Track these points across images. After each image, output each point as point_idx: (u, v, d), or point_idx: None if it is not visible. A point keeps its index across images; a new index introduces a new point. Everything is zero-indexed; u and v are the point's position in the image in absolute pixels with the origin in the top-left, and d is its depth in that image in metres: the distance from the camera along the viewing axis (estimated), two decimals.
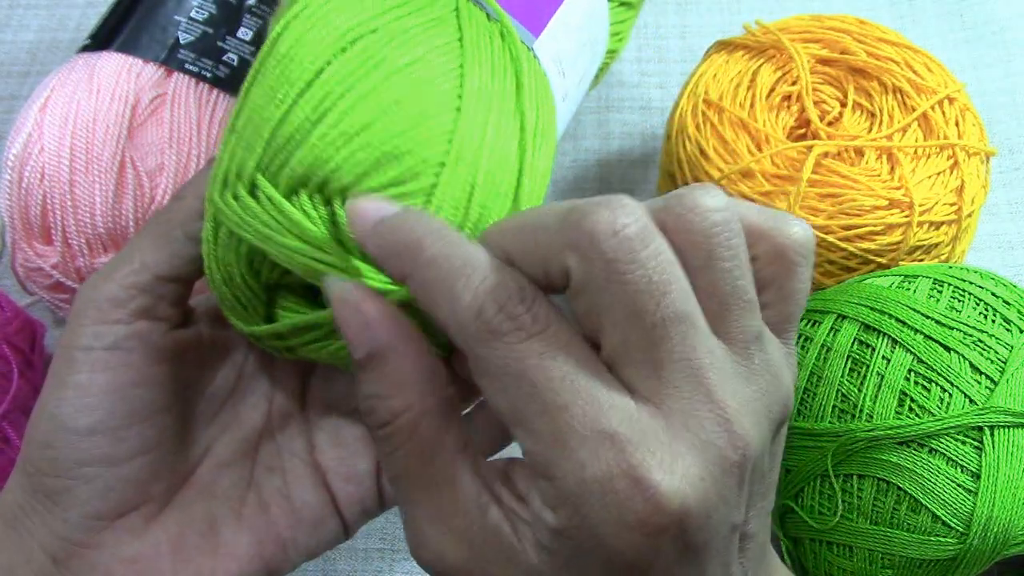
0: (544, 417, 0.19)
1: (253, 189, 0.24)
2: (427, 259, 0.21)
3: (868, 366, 0.35)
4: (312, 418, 0.30)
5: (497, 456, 0.24)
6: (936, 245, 0.42)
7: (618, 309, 0.20)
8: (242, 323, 0.26)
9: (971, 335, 0.35)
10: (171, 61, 0.44)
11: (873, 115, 0.44)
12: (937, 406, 0.34)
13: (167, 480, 0.27)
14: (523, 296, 0.20)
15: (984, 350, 0.35)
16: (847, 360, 0.36)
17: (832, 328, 0.38)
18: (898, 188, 0.41)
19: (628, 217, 0.19)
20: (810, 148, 0.41)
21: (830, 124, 0.45)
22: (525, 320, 0.20)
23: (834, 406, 0.36)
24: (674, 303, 0.19)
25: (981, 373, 0.34)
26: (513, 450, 0.23)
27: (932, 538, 0.33)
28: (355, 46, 0.25)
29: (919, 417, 0.34)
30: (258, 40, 0.46)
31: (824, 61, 0.46)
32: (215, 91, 0.44)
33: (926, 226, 0.41)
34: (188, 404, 0.28)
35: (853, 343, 0.36)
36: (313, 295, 0.26)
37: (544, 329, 0.20)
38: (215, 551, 0.27)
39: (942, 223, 0.41)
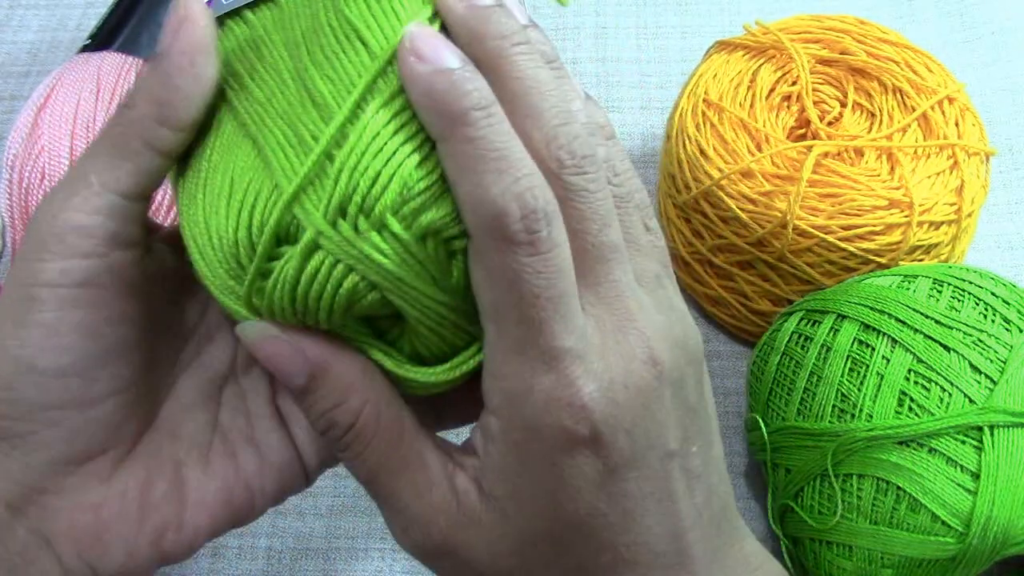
0: (519, 325, 0.21)
1: (381, 229, 0.22)
2: (468, 134, 0.20)
3: (868, 366, 0.35)
4: None
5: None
6: (936, 245, 0.42)
7: (573, 228, 0.22)
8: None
9: (971, 335, 0.35)
10: None
11: (873, 115, 0.45)
12: (937, 406, 0.34)
13: (136, 422, 0.25)
14: (546, 212, 0.20)
15: (984, 350, 0.35)
16: (847, 360, 0.36)
17: (832, 328, 0.38)
18: (898, 188, 0.41)
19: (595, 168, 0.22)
20: (810, 148, 0.41)
21: (830, 124, 0.45)
22: (539, 238, 0.20)
23: (834, 406, 0.36)
24: (612, 234, 0.22)
25: (981, 373, 0.34)
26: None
27: (932, 538, 0.33)
28: None
29: (919, 417, 0.34)
30: None
31: (824, 61, 0.46)
32: None
33: (926, 226, 0.41)
34: (157, 341, 0.26)
35: (853, 343, 0.36)
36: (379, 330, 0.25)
37: (551, 250, 0.21)
38: (184, 500, 0.25)
39: (942, 223, 0.41)
